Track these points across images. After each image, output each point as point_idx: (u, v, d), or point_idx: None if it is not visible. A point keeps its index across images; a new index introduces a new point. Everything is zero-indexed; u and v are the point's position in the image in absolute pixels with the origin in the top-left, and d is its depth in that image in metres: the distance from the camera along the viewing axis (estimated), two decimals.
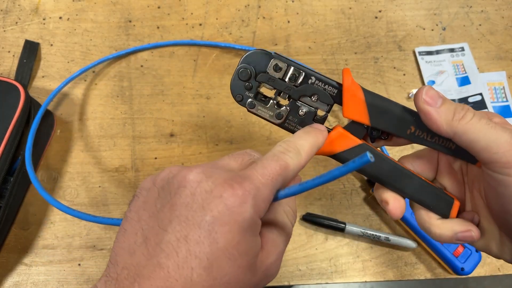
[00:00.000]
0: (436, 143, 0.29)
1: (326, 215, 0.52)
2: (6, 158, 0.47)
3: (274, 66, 0.30)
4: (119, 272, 0.22)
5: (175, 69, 0.59)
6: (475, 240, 0.29)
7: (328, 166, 0.54)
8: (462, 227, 0.29)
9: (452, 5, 0.64)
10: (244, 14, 0.62)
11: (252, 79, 0.30)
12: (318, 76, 0.30)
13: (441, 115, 0.27)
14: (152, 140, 0.55)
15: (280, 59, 0.30)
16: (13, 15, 0.61)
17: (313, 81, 0.30)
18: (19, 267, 0.49)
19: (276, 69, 0.30)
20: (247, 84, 0.30)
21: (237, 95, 0.31)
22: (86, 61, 0.59)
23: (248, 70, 0.30)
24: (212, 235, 0.21)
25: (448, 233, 0.29)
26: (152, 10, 0.62)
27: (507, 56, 0.61)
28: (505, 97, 0.58)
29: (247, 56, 0.30)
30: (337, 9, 0.63)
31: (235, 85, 0.31)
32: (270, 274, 0.25)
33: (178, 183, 0.23)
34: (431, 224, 0.30)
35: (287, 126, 0.31)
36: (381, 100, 0.30)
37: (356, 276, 0.50)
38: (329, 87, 0.30)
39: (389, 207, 0.30)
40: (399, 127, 0.29)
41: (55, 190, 0.52)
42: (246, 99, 0.31)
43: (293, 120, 0.31)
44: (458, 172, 0.32)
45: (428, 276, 0.50)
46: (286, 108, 0.31)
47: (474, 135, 0.26)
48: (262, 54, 0.30)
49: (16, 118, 0.49)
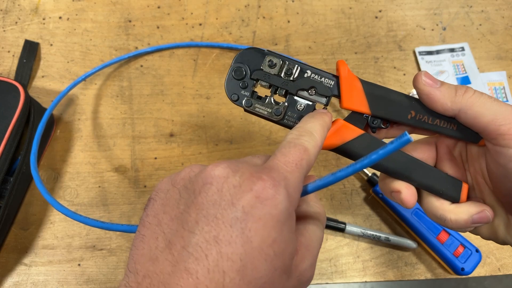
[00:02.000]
0: (437, 125, 0.29)
1: (326, 215, 0.52)
2: (6, 158, 0.47)
3: (269, 62, 0.29)
4: (140, 281, 0.20)
5: (175, 69, 0.59)
6: (490, 220, 0.28)
7: (328, 166, 0.54)
8: (476, 208, 0.28)
9: (452, 5, 0.64)
10: (244, 14, 0.62)
11: (247, 78, 0.30)
12: (314, 70, 0.30)
13: (444, 93, 0.27)
14: (152, 140, 0.55)
15: (273, 55, 0.29)
16: (13, 15, 0.61)
17: (309, 75, 0.30)
18: (19, 267, 0.49)
19: (271, 65, 0.29)
20: (242, 83, 0.30)
21: (233, 94, 0.30)
22: (86, 61, 0.59)
23: (242, 68, 0.30)
24: (246, 233, 0.19)
25: (464, 217, 0.28)
26: (152, 10, 0.62)
27: (507, 56, 0.61)
28: (506, 97, 0.58)
29: (240, 55, 0.30)
30: (337, 8, 0.63)
31: (230, 85, 0.30)
32: (305, 281, 0.23)
33: (203, 180, 0.21)
34: (444, 210, 0.29)
35: (286, 123, 0.31)
36: (378, 89, 0.30)
37: (356, 276, 0.50)
38: (326, 79, 0.30)
39: (402, 195, 0.29)
40: (399, 113, 0.29)
41: (55, 190, 0.52)
42: (242, 98, 0.30)
43: (292, 116, 0.31)
44: (458, 158, 0.31)
45: (428, 276, 0.50)
46: (284, 103, 0.30)
47: (479, 109, 0.26)
48: (255, 51, 0.30)
49: (16, 118, 0.49)
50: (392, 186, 0.30)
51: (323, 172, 0.54)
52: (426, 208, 0.30)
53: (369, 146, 0.30)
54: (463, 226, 0.28)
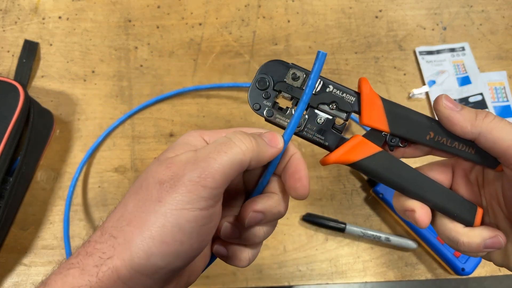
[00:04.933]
0: (456, 148, 0.29)
1: (326, 216, 0.52)
2: (6, 158, 0.47)
3: (292, 75, 0.30)
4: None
5: (174, 69, 0.59)
6: (502, 246, 0.28)
7: (328, 166, 0.54)
8: (489, 233, 0.28)
9: (452, 5, 0.64)
10: (244, 13, 0.62)
11: (270, 89, 0.31)
12: (336, 85, 0.30)
13: (464, 117, 0.27)
14: (152, 140, 0.55)
15: (297, 68, 0.30)
16: (13, 15, 0.61)
17: (331, 90, 0.30)
18: (19, 268, 0.49)
19: (295, 78, 0.30)
20: (265, 93, 0.31)
21: (255, 104, 0.31)
22: (86, 61, 0.59)
23: (266, 79, 0.30)
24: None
25: (477, 240, 0.28)
26: (151, 9, 0.62)
27: (507, 56, 0.61)
28: (506, 97, 0.58)
29: (265, 66, 0.30)
30: (338, 8, 0.63)
31: (253, 95, 0.31)
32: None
33: None
34: (457, 233, 0.29)
35: (305, 135, 0.31)
36: (398, 107, 0.30)
37: (357, 277, 0.50)
38: (347, 95, 0.30)
39: (416, 215, 0.29)
40: (418, 133, 0.29)
41: (54, 190, 0.52)
42: (263, 108, 0.31)
43: (311, 129, 0.31)
44: (474, 182, 0.31)
45: (428, 276, 0.50)
46: (305, 116, 0.31)
47: (499, 133, 0.26)
48: (280, 64, 0.30)
49: (16, 118, 0.48)
50: (407, 205, 0.29)
51: (323, 172, 0.54)
52: (439, 229, 0.30)
53: (386, 164, 0.30)
54: (475, 249, 0.28)
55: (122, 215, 0.24)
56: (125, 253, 0.23)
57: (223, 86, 0.58)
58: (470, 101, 0.58)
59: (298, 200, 0.52)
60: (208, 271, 0.49)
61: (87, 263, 0.23)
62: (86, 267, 0.23)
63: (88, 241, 0.25)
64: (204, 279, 0.49)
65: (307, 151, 0.55)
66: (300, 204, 0.52)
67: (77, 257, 0.24)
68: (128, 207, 0.25)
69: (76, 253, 0.24)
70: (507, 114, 0.57)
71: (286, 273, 0.50)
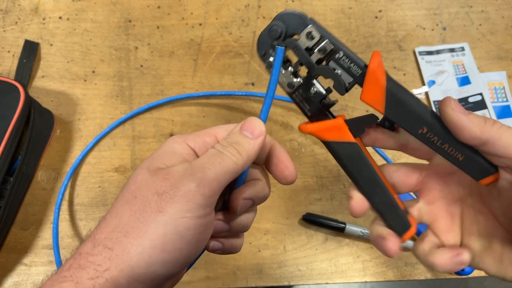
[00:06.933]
0: (444, 149, 0.29)
1: (326, 215, 0.52)
2: (6, 158, 0.47)
3: (308, 33, 0.29)
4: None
5: (175, 69, 0.59)
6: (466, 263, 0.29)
7: (329, 166, 0.54)
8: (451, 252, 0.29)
9: (452, 5, 0.64)
10: (244, 14, 0.62)
11: (280, 40, 0.30)
12: (347, 52, 0.29)
13: (474, 122, 0.27)
14: (152, 140, 0.55)
15: (316, 27, 0.29)
16: (13, 15, 0.61)
17: (340, 56, 0.29)
18: (19, 267, 0.49)
19: (308, 37, 0.29)
20: (274, 43, 0.30)
21: (262, 49, 0.30)
22: (86, 61, 0.59)
23: (280, 29, 0.30)
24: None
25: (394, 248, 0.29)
26: (152, 10, 0.62)
27: (507, 56, 0.61)
28: (505, 97, 0.58)
29: (282, 15, 0.30)
30: (337, 9, 0.63)
31: (262, 40, 0.30)
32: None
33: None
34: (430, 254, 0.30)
35: (294, 98, 0.31)
36: (402, 92, 0.29)
37: (356, 276, 0.50)
38: (355, 66, 0.29)
39: (352, 202, 0.30)
40: (411, 124, 0.29)
41: (55, 190, 0.52)
42: (268, 57, 0.30)
43: (302, 95, 0.31)
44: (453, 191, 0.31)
45: (428, 276, 0.50)
46: (300, 80, 0.30)
47: (509, 140, 0.26)
48: (299, 16, 0.30)
49: (16, 118, 0.48)
50: (351, 191, 0.31)
51: (323, 172, 0.54)
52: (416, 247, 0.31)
53: (353, 156, 0.30)
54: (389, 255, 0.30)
55: (117, 226, 0.25)
56: (124, 264, 0.23)
57: (221, 94, 0.58)
58: (469, 101, 0.58)
59: (298, 200, 0.53)
60: (208, 270, 0.49)
61: (81, 276, 0.23)
62: (81, 280, 0.23)
63: (79, 253, 0.24)
64: (204, 279, 0.49)
65: (307, 151, 0.55)
66: (300, 204, 0.53)
67: (69, 270, 0.24)
68: (122, 219, 0.25)
69: (67, 265, 0.24)
70: (507, 114, 0.57)
71: (286, 272, 0.50)
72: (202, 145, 0.29)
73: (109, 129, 0.55)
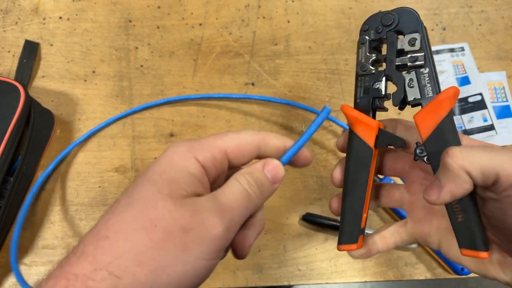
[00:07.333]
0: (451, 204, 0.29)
1: (326, 215, 0.52)
2: (6, 158, 0.47)
3: (411, 39, 0.29)
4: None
5: (175, 69, 0.59)
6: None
7: (328, 166, 0.54)
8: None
9: (452, 5, 0.64)
10: (244, 14, 0.62)
11: (384, 29, 0.31)
12: (432, 73, 0.29)
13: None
14: (152, 140, 0.55)
15: (421, 38, 0.29)
16: (13, 15, 0.61)
17: (425, 72, 0.29)
18: (19, 267, 0.49)
19: (410, 43, 0.29)
20: (378, 27, 0.31)
21: (367, 24, 0.32)
22: (86, 61, 0.59)
23: (393, 19, 0.30)
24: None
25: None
26: (152, 10, 0.62)
27: (507, 56, 0.61)
28: (505, 97, 0.58)
29: (403, 10, 0.30)
30: (337, 9, 0.63)
31: (373, 19, 0.32)
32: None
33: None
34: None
35: (357, 79, 0.32)
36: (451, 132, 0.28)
37: (356, 276, 0.50)
38: (430, 87, 0.29)
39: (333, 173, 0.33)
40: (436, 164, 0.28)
41: (55, 190, 0.52)
42: (366, 34, 0.31)
43: (365, 82, 0.31)
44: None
45: (428, 276, 0.50)
46: (373, 71, 0.31)
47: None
48: (416, 20, 0.30)
49: (16, 118, 0.49)
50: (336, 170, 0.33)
51: (323, 172, 0.54)
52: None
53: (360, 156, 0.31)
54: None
55: (127, 253, 0.22)
56: None
57: (220, 97, 0.58)
58: (469, 101, 0.58)
59: (298, 200, 0.53)
60: None
61: None
62: None
63: (73, 273, 0.22)
64: None
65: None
66: (300, 204, 0.53)
67: None
68: (136, 246, 0.23)
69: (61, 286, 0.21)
70: (507, 114, 0.57)
71: (286, 272, 0.50)
72: (211, 161, 0.27)
73: (102, 125, 0.55)
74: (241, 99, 0.57)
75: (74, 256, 0.23)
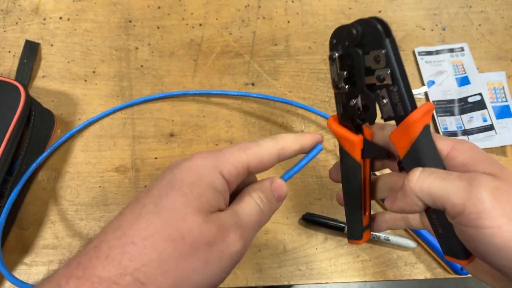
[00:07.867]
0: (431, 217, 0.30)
1: (326, 215, 0.52)
2: (6, 158, 0.47)
3: (376, 56, 0.27)
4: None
5: (175, 69, 0.59)
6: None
7: (328, 166, 0.54)
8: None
9: (452, 5, 0.64)
10: (244, 14, 0.62)
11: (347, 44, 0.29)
12: (401, 90, 0.27)
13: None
14: (152, 140, 0.55)
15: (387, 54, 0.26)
16: (14, 15, 0.61)
17: (394, 90, 0.27)
18: (20, 267, 0.49)
19: (376, 60, 0.27)
20: (345, 42, 0.29)
21: (333, 39, 0.31)
22: (86, 61, 0.59)
23: (355, 35, 0.27)
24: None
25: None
26: (152, 10, 0.62)
27: (507, 56, 0.61)
28: (505, 97, 0.59)
29: (366, 22, 0.27)
30: (337, 9, 0.63)
31: (337, 33, 0.30)
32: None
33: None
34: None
35: (336, 96, 0.31)
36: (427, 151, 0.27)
37: (356, 276, 0.50)
38: (401, 106, 0.27)
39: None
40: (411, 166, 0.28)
41: (55, 190, 0.52)
42: (335, 49, 0.30)
43: (342, 98, 0.31)
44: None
45: (428, 276, 0.50)
46: (346, 88, 0.30)
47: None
48: (379, 34, 0.26)
49: (17, 118, 0.49)
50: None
51: (323, 172, 0.54)
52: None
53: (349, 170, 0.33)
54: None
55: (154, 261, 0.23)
56: None
57: (222, 94, 0.58)
58: (469, 101, 0.58)
59: (298, 200, 0.53)
60: None
61: None
62: None
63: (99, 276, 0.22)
64: None
65: None
66: (300, 204, 0.53)
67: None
68: (163, 255, 0.23)
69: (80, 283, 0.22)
70: (506, 115, 0.57)
71: (286, 272, 0.50)
72: (235, 177, 0.27)
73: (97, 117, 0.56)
74: (241, 97, 0.58)
75: (98, 259, 0.23)
